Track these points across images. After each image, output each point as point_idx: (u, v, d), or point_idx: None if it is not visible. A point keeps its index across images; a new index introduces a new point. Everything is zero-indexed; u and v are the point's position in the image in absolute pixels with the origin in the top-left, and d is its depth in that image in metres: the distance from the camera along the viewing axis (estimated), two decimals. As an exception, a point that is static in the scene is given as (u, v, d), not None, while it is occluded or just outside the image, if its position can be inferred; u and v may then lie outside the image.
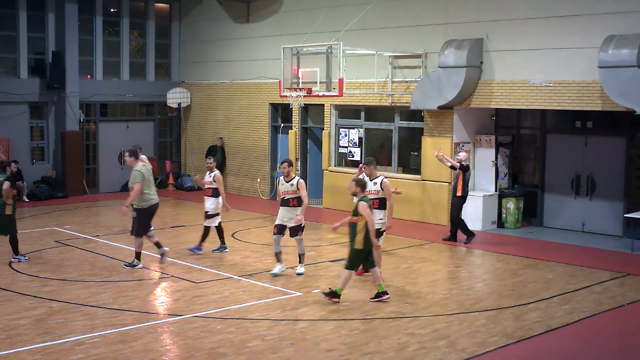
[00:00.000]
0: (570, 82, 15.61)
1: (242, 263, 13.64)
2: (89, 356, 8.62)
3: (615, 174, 16.66)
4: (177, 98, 24.48)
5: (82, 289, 11.67)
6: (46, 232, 16.57)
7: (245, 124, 23.00)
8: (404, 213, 18.46)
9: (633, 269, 13.47)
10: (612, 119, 16.77)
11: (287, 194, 12.51)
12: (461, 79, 16.74)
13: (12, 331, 9.50)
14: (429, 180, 18.03)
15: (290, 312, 10.55)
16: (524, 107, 16.60)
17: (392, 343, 9.25)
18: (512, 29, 16.54)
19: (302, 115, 21.40)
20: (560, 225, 17.50)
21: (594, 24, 15.23)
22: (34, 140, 22.72)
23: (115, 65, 24.17)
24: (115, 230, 16.81)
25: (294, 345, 9.16)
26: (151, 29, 24.78)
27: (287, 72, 17.02)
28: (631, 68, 14.23)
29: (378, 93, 18.73)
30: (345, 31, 18.08)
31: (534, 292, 11.80)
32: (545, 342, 9.47)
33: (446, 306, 10.96)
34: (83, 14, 23.12)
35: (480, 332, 9.71)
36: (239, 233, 16.58)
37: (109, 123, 24.15)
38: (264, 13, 22.29)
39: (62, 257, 13.97)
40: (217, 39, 23.87)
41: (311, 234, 17.07)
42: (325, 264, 13.67)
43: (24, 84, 22.04)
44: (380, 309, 10.76)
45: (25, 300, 10.99)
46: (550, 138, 17.81)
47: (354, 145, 19.92)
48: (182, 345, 9.12)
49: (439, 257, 14.67)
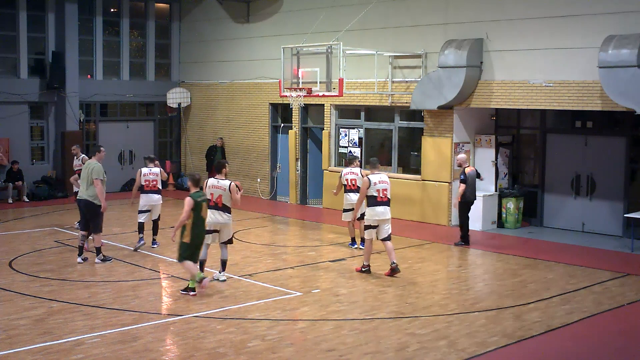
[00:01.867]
0: (570, 82, 15.61)
1: (242, 263, 13.64)
2: (89, 356, 8.62)
3: (615, 174, 16.66)
4: (177, 98, 24.48)
5: (82, 289, 11.67)
6: (46, 232, 16.57)
7: (245, 124, 23.01)
8: (404, 213, 18.47)
9: (633, 269, 13.47)
10: (612, 119, 16.77)
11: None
12: (461, 79, 16.74)
13: (12, 331, 9.50)
14: (429, 180, 18.03)
15: (290, 312, 10.56)
16: (524, 107, 16.60)
17: (392, 343, 9.25)
18: (512, 29, 16.55)
19: (302, 115, 21.41)
20: (560, 225, 17.50)
21: (594, 24, 15.23)
22: (34, 140, 22.73)
23: (115, 65, 24.18)
24: (115, 230, 16.80)
25: (294, 345, 9.17)
26: (151, 29, 24.78)
27: (287, 72, 17.02)
28: (631, 68, 14.22)
29: (378, 93, 18.73)
30: (345, 31, 18.09)
31: (534, 292, 11.80)
32: (545, 342, 9.47)
33: (446, 306, 10.96)
34: (83, 14, 23.12)
35: (480, 332, 9.71)
36: (239, 233, 16.58)
37: (109, 123, 24.16)
38: (264, 13, 22.29)
39: (62, 257, 13.97)
40: (217, 39, 23.87)
41: (311, 234, 17.10)
42: (325, 264, 13.68)
43: (24, 84, 22.04)
44: (380, 309, 10.76)
45: (25, 300, 10.99)
46: (550, 138, 17.81)
47: (354, 145, 19.92)
48: (182, 345, 9.12)
49: (439, 257, 14.67)
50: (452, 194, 17.68)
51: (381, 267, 13.43)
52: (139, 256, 14.12)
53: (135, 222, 14.98)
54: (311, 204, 21.38)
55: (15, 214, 19.30)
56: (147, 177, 14.68)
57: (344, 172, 14.87)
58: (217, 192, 11.84)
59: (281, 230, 17.84)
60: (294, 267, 13.40)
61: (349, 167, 15.04)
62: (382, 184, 12.62)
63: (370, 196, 12.55)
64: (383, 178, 12.72)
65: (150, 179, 14.68)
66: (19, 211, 19.81)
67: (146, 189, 14.66)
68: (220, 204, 11.82)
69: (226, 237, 11.99)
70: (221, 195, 11.81)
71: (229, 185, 11.81)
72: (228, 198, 11.84)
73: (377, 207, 12.52)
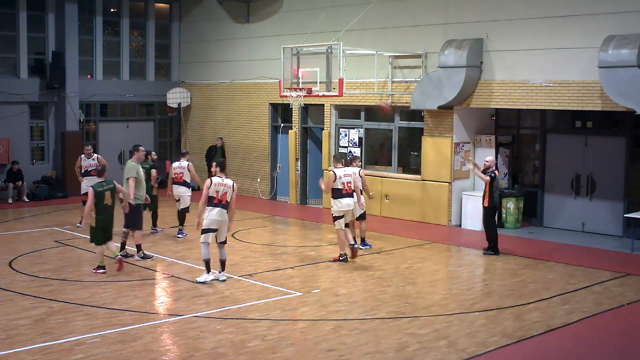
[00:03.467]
0: (570, 82, 15.61)
1: (242, 263, 13.64)
2: (89, 356, 8.62)
3: (615, 174, 16.65)
4: (177, 98, 24.48)
5: (82, 289, 11.67)
6: (46, 232, 16.57)
7: (245, 124, 23.00)
8: (404, 213, 18.47)
9: (633, 269, 13.46)
10: (612, 119, 16.77)
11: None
12: (461, 79, 16.74)
13: (12, 331, 9.50)
14: (429, 180, 18.03)
15: (290, 312, 10.55)
16: (524, 107, 16.60)
17: (392, 343, 9.25)
18: (512, 29, 16.55)
19: (302, 115, 21.40)
20: (560, 225, 17.50)
21: (594, 24, 15.23)
22: (34, 140, 22.73)
23: (115, 65, 24.18)
24: (115, 230, 16.77)
25: (294, 345, 9.17)
26: (151, 29, 24.78)
27: (287, 72, 17.02)
28: (631, 68, 14.22)
29: (378, 93, 18.72)
30: (345, 31, 18.09)
31: (534, 292, 11.80)
32: (545, 342, 9.47)
33: (446, 306, 10.96)
34: (83, 14, 23.13)
35: (480, 332, 9.71)
36: (239, 233, 16.58)
37: (109, 123, 24.16)
38: (264, 13, 22.29)
39: (62, 257, 13.97)
40: (217, 39, 23.87)
41: (311, 234, 17.10)
42: (325, 264, 13.67)
43: (24, 84, 22.04)
44: (380, 309, 10.76)
45: (25, 300, 10.99)
46: (550, 138, 17.81)
47: (354, 145, 19.92)
48: (182, 345, 9.12)
49: (439, 257, 14.67)
50: (452, 194, 17.69)
51: (381, 267, 13.45)
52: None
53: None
54: (311, 204, 21.38)
55: (15, 214, 19.30)
56: (175, 170, 16.14)
57: (339, 174, 13.75)
58: (222, 189, 11.91)
59: (281, 230, 17.84)
60: (294, 267, 13.40)
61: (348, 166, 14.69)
62: (346, 177, 13.65)
63: (336, 189, 13.57)
64: (347, 172, 13.76)
65: (177, 172, 16.12)
66: (19, 211, 19.81)
67: (174, 181, 16.13)
68: (224, 201, 11.90)
69: (223, 236, 12.03)
70: (226, 192, 11.92)
71: (232, 184, 11.99)
72: (230, 196, 11.95)
73: (343, 199, 13.60)
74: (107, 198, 12.52)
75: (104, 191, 12.48)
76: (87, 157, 17.00)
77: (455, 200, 17.76)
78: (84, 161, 16.95)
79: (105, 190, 12.50)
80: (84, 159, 16.97)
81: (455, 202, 17.76)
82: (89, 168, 16.70)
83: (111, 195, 12.62)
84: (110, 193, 12.61)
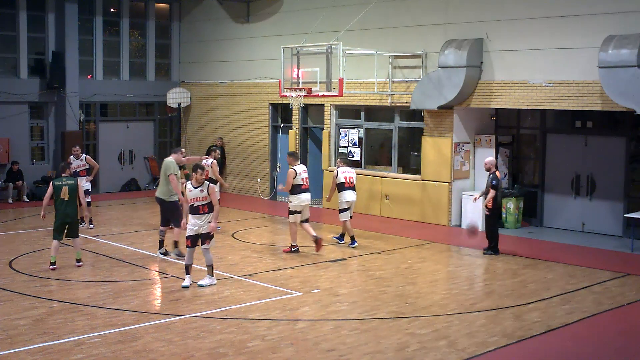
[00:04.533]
0: (570, 82, 15.61)
1: (242, 263, 13.64)
2: (89, 356, 8.62)
3: (615, 174, 16.65)
4: (177, 98, 24.48)
5: (82, 289, 11.67)
6: (46, 232, 16.56)
7: (245, 124, 23.00)
8: (404, 213, 18.47)
9: (633, 269, 13.47)
10: (612, 119, 16.77)
11: (196, 200, 11.68)
12: (461, 79, 16.74)
13: (12, 331, 9.50)
14: (429, 180, 18.03)
15: (290, 312, 10.55)
16: (524, 107, 16.60)
17: (392, 343, 9.25)
18: (512, 29, 16.55)
19: (302, 115, 21.40)
20: (560, 225, 17.50)
21: (594, 24, 15.23)
22: (34, 140, 22.72)
23: (115, 65, 24.17)
24: (116, 230, 16.81)
25: (294, 345, 9.17)
26: (151, 29, 24.78)
27: (287, 72, 17.02)
28: (631, 68, 14.22)
29: (378, 93, 18.72)
30: (345, 31, 18.09)
31: (534, 292, 11.80)
32: (545, 342, 9.47)
33: (446, 306, 10.96)
34: (83, 14, 23.12)
35: (480, 332, 9.71)
36: (239, 233, 16.58)
37: (109, 123, 24.15)
38: (264, 13, 22.29)
39: (62, 257, 13.96)
40: (217, 39, 23.87)
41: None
42: (325, 264, 13.67)
43: (24, 84, 22.04)
44: (380, 309, 10.76)
45: (25, 300, 10.99)
46: (550, 138, 17.81)
47: (354, 145, 19.92)
48: (182, 345, 9.12)
49: (439, 257, 14.67)
50: (452, 194, 17.70)
51: (381, 267, 13.45)
52: (139, 256, 14.13)
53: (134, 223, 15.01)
54: (311, 204, 21.31)
55: (15, 214, 19.30)
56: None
57: (340, 171, 15.56)
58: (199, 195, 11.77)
59: (281, 230, 17.82)
60: (294, 267, 13.40)
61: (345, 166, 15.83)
62: (304, 174, 14.45)
63: (296, 185, 14.29)
64: (304, 168, 14.59)
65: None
66: (19, 211, 19.81)
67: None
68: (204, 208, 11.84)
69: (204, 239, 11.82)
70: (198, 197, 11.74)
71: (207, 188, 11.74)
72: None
73: (302, 194, 14.39)
74: (64, 193, 13.01)
75: (62, 186, 13.04)
76: (75, 157, 17.02)
77: (455, 200, 17.76)
78: (72, 162, 16.96)
79: (64, 185, 13.06)
80: (73, 159, 17.00)
81: (455, 202, 17.77)
82: (77, 169, 16.72)
83: (69, 191, 13.06)
84: (69, 188, 13.07)
